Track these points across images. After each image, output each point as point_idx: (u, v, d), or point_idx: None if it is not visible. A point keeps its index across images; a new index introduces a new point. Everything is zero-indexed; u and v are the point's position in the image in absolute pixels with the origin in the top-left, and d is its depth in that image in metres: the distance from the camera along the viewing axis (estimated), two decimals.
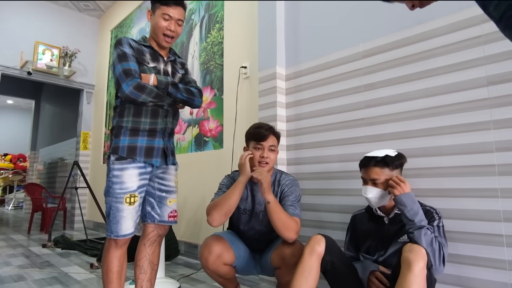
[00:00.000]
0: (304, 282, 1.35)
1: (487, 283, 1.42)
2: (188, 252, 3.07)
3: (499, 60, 1.46)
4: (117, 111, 1.50)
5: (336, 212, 1.95)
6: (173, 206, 1.59)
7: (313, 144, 2.12)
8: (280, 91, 2.29)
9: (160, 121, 1.51)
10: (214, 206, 1.59)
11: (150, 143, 1.48)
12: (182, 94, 1.52)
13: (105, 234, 1.42)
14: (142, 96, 1.39)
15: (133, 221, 1.42)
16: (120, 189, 1.39)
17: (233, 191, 1.59)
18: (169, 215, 1.56)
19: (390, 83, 1.80)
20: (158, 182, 1.55)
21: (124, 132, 1.45)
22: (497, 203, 1.43)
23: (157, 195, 1.54)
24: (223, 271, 1.65)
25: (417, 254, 1.19)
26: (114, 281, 1.40)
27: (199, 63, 3.25)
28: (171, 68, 1.59)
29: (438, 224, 1.41)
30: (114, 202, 1.39)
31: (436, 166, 1.60)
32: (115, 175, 1.40)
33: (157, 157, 1.49)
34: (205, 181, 2.95)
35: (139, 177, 1.44)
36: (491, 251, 1.42)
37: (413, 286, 1.15)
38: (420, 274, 1.17)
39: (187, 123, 3.30)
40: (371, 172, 1.48)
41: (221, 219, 1.58)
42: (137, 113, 1.46)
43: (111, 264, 1.40)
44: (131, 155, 1.42)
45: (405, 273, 1.18)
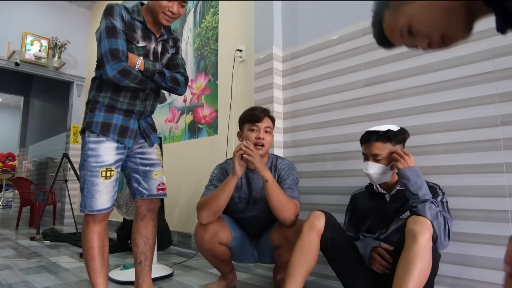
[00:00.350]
0: (304, 259, 1.29)
1: (491, 260, 1.38)
2: (181, 242, 2.99)
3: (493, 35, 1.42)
4: (95, 83, 1.42)
5: (335, 194, 1.90)
6: (160, 179, 1.53)
7: (311, 125, 2.07)
8: (277, 73, 2.23)
9: (138, 103, 1.44)
10: (203, 206, 1.53)
11: (125, 123, 1.41)
12: (167, 83, 1.46)
13: (79, 210, 1.34)
14: (125, 81, 1.32)
15: (110, 196, 1.35)
16: (96, 162, 1.33)
17: (222, 192, 1.51)
18: (157, 188, 1.50)
19: (391, 60, 1.75)
20: (140, 157, 1.49)
21: (99, 107, 1.38)
22: (502, 178, 1.39)
23: (141, 170, 1.48)
24: (218, 250, 1.59)
25: (422, 225, 1.14)
26: (96, 257, 1.32)
27: (193, 49, 3.18)
28: (162, 48, 1.51)
29: (442, 199, 1.37)
30: (89, 176, 1.32)
31: (439, 143, 1.56)
32: (90, 148, 1.34)
33: (130, 137, 1.42)
34: (199, 169, 2.87)
35: (116, 151, 1.38)
36: (496, 227, 1.39)
37: (419, 258, 1.10)
38: (426, 246, 1.12)
39: (181, 111, 3.23)
40: (373, 147, 1.42)
41: (210, 219, 1.54)
42: (116, 91, 1.39)
43: (91, 240, 1.33)
44: (104, 132, 1.35)
45: (410, 245, 1.12)
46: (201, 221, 1.54)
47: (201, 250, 1.61)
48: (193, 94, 3.11)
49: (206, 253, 1.61)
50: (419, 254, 1.10)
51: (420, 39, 0.66)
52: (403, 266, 1.12)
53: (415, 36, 0.66)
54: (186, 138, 3.13)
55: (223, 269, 1.72)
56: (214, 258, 1.64)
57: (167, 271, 1.98)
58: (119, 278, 1.84)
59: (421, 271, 1.10)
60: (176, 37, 1.59)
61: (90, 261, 1.33)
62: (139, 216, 1.50)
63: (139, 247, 1.49)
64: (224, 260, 1.66)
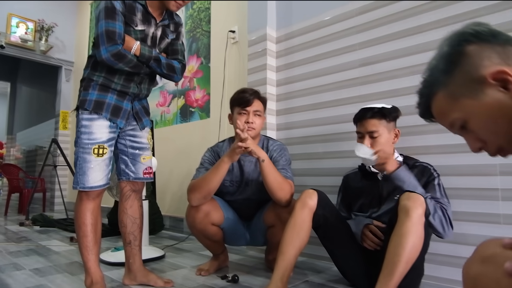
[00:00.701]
0: (296, 236, 1.28)
1: (481, 238, 1.38)
2: (173, 226, 2.98)
3: (497, 11, 1.41)
4: (91, 62, 1.39)
5: (328, 176, 1.90)
6: (148, 163, 1.51)
7: (304, 107, 2.05)
8: (271, 54, 2.20)
9: (133, 86, 1.42)
10: (194, 188, 1.51)
11: (119, 103, 1.39)
12: (163, 70, 1.42)
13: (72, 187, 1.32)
14: (119, 64, 1.30)
15: (103, 173, 1.34)
16: (88, 139, 1.31)
17: (215, 175, 1.46)
18: (144, 171, 1.50)
19: (385, 40, 1.74)
20: (130, 140, 1.47)
21: (93, 86, 1.36)
22: (494, 157, 1.39)
23: (130, 153, 1.47)
24: (210, 231, 1.58)
25: (415, 201, 1.14)
26: (89, 234, 1.31)
27: (184, 31, 3.11)
28: (161, 33, 1.46)
29: (438, 182, 1.37)
30: (82, 153, 1.31)
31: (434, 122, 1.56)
32: (83, 125, 1.32)
33: (122, 118, 1.41)
34: (191, 153, 2.84)
35: (109, 129, 1.36)
36: (486, 205, 1.40)
37: (411, 233, 1.11)
38: (418, 221, 1.12)
39: (172, 95, 3.18)
40: (368, 124, 1.40)
41: (201, 201, 1.52)
42: (111, 71, 1.36)
43: (84, 217, 1.31)
44: (97, 110, 1.33)
45: (403, 220, 1.13)
46: (191, 203, 1.52)
47: (193, 231, 1.60)
48: (185, 77, 3.06)
49: (198, 234, 1.60)
50: (411, 229, 1.11)
51: (472, 140, 0.58)
52: (395, 240, 1.12)
53: (468, 133, 0.58)
54: (178, 122, 3.09)
55: (215, 250, 1.71)
56: (206, 239, 1.63)
57: (158, 252, 1.97)
58: (110, 259, 1.82)
59: (413, 246, 1.11)
60: (179, 22, 1.54)
61: (83, 238, 1.31)
62: (123, 197, 1.49)
63: (127, 227, 1.47)
64: (216, 241, 1.66)
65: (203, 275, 1.61)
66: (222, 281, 1.52)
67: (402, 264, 1.08)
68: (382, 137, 1.39)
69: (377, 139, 1.39)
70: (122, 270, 1.55)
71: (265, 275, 1.61)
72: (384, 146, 1.38)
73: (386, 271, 1.10)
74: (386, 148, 1.38)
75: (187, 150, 2.91)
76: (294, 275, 1.62)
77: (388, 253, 1.12)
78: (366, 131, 1.41)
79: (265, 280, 1.52)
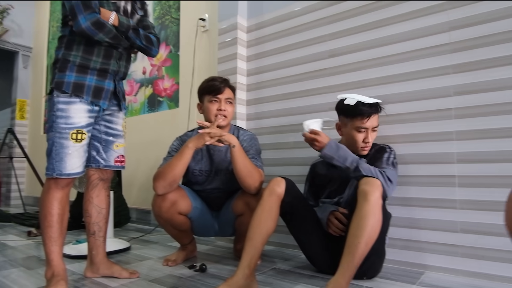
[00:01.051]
0: (263, 223, 1.28)
1: (439, 222, 1.47)
2: (140, 219, 2.90)
3: (462, 5, 1.48)
4: (63, 41, 1.31)
5: (297, 165, 1.92)
6: (120, 150, 1.45)
7: (274, 97, 2.05)
8: (241, 43, 2.18)
9: (113, 62, 1.35)
10: (159, 176, 1.48)
11: (100, 83, 1.32)
12: (142, 41, 1.38)
13: (45, 174, 1.24)
14: (99, 35, 1.23)
15: (81, 160, 1.27)
16: (66, 124, 1.23)
17: (179, 160, 1.44)
18: (115, 159, 1.44)
19: (354, 32, 1.77)
20: (105, 125, 1.41)
21: (70, 67, 1.27)
22: (452, 146, 1.47)
23: (103, 139, 1.41)
24: (177, 220, 1.55)
25: (372, 185, 1.19)
26: (55, 225, 1.23)
27: (153, 18, 3.01)
28: (131, 8, 1.41)
29: (388, 156, 1.43)
30: (58, 138, 1.23)
31: (397, 112, 1.61)
32: (60, 108, 1.24)
33: (105, 99, 1.34)
34: (160, 143, 2.77)
35: (88, 114, 1.29)
36: (444, 192, 1.47)
37: (369, 215, 1.14)
38: (376, 204, 1.16)
39: (140, 84, 3.07)
40: (374, 119, 1.45)
41: (166, 189, 1.48)
42: (89, 50, 1.29)
43: (51, 206, 1.23)
44: (77, 93, 1.26)
45: (362, 204, 1.17)
46: (156, 191, 1.49)
47: (159, 221, 1.56)
48: (153, 65, 2.97)
49: (164, 223, 1.57)
50: (370, 211, 1.15)
51: None
52: (355, 223, 1.16)
53: None
54: (145, 111, 3.00)
55: (183, 240, 1.69)
56: (173, 228, 1.60)
57: (123, 244, 1.91)
58: (71, 252, 1.74)
59: (372, 227, 1.15)
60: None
61: (47, 228, 1.23)
62: (90, 185, 1.43)
63: (91, 217, 1.41)
64: (184, 230, 1.63)
65: (170, 265, 1.58)
66: (190, 270, 1.50)
67: (362, 246, 1.12)
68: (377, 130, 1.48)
69: (375, 132, 1.48)
70: (84, 263, 1.49)
71: (233, 264, 1.61)
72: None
73: (347, 253, 1.13)
74: None
75: (155, 140, 2.84)
76: (262, 263, 1.63)
77: (348, 236, 1.16)
78: (372, 126, 1.45)
79: (233, 269, 1.51)
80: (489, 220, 1.36)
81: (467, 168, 1.42)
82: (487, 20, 1.41)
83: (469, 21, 1.45)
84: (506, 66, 1.36)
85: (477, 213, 1.39)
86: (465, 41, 1.46)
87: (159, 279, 1.38)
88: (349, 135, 1.47)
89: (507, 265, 1.32)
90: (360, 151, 1.46)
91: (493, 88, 1.39)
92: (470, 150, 1.42)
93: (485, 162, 1.39)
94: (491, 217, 1.36)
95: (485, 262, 1.36)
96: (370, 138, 1.44)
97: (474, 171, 1.41)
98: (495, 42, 1.39)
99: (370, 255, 1.16)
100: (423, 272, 1.47)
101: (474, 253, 1.39)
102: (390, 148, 1.47)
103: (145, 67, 3.02)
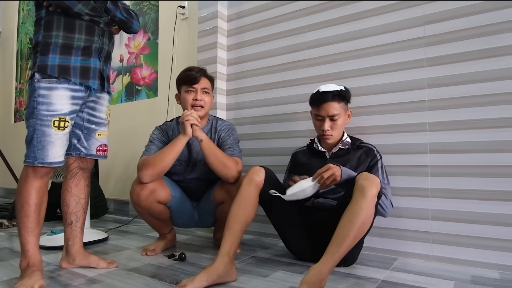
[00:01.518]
0: (242, 211, 1.29)
1: (412, 210, 1.53)
2: (118, 210, 2.86)
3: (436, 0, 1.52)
4: (41, 23, 1.24)
5: (276, 155, 1.94)
6: (103, 139, 1.42)
7: (254, 87, 2.06)
8: (221, 32, 2.15)
9: (96, 39, 1.30)
10: (148, 164, 1.46)
11: (85, 62, 1.27)
12: (122, 13, 1.34)
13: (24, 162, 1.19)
14: (78, 6, 1.19)
15: (63, 149, 1.23)
16: (48, 110, 1.18)
17: (171, 151, 1.46)
18: (97, 148, 1.40)
19: (332, 23, 1.79)
20: (88, 113, 1.36)
21: (53, 48, 1.22)
22: (425, 136, 1.52)
23: (85, 127, 1.36)
24: (156, 209, 1.54)
25: (371, 181, 1.19)
26: (32, 215, 1.19)
27: (130, 3, 2.92)
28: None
29: (381, 165, 1.46)
30: (40, 125, 1.18)
31: (374, 104, 1.65)
32: (41, 94, 1.19)
33: (94, 78, 1.30)
34: (138, 133, 2.72)
35: (71, 100, 1.24)
36: (417, 181, 1.53)
37: (363, 211, 1.15)
38: (372, 201, 1.17)
39: (117, 72, 2.99)
40: (330, 107, 1.44)
41: (153, 178, 1.48)
42: (70, 27, 1.24)
43: (28, 196, 1.19)
44: (64, 75, 1.21)
45: (358, 198, 1.17)
46: (142, 179, 1.47)
47: (137, 209, 1.55)
48: (130, 53, 2.89)
49: (143, 212, 1.55)
50: (364, 207, 1.16)
51: None
52: (348, 216, 1.16)
53: None
54: (123, 100, 2.93)
55: (162, 230, 1.68)
56: (152, 217, 1.59)
57: (101, 235, 1.88)
58: (47, 243, 1.70)
59: (363, 223, 1.16)
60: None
61: (24, 218, 1.19)
62: (69, 174, 1.39)
63: (69, 207, 1.38)
64: (163, 220, 1.62)
65: (149, 255, 1.57)
66: (169, 259, 1.50)
67: (350, 238, 1.13)
68: (341, 119, 1.46)
69: (336, 121, 1.45)
70: (60, 253, 1.46)
71: (213, 253, 1.62)
72: (341, 128, 1.48)
73: (335, 243, 1.13)
74: (341, 129, 1.49)
75: (133, 130, 2.78)
76: (242, 251, 1.65)
77: (339, 227, 1.16)
78: (327, 114, 1.45)
79: (213, 258, 1.51)
80: (459, 208, 1.43)
81: (439, 158, 1.48)
82: (460, 15, 1.46)
83: (443, 16, 1.50)
84: (478, 60, 1.42)
85: (448, 201, 1.45)
86: (439, 35, 1.50)
87: (137, 269, 1.38)
88: (313, 124, 1.53)
89: (475, 250, 1.39)
90: (323, 139, 1.50)
91: (465, 81, 1.44)
92: (442, 141, 1.48)
93: (456, 152, 1.45)
94: (461, 205, 1.43)
95: (454, 247, 1.43)
96: (327, 126, 1.45)
97: (446, 161, 1.47)
98: (467, 36, 1.44)
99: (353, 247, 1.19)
100: (396, 258, 1.53)
101: (444, 239, 1.45)
102: (377, 151, 1.48)
103: (122, 55, 2.94)
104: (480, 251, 1.38)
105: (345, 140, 1.51)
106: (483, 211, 1.38)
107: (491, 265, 1.36)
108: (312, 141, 1.61)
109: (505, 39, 1.37)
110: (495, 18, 1.39)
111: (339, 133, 1.49)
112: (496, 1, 1.39)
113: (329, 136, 1.48)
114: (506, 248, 1.33)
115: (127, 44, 2.90)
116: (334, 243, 1.14)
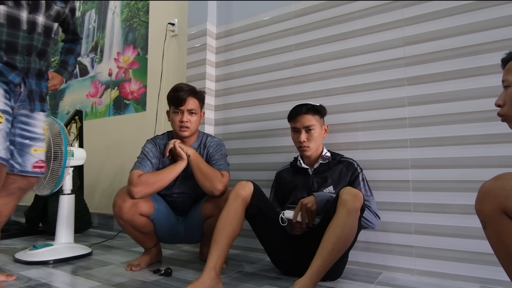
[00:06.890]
0: (229, 225, 1.31)
1: (395, 224, 1.57)
2: (103, 224, 2.81)
3: (416, 22, 1.60)
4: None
5: (263, 170, 1.96)
6: (40, 155, 1.38)
7: (242, 103, 2.09)
8: (210, 49, 2.20)
9: (19, 58, 1.29)
10: (144, 183, 1.47)
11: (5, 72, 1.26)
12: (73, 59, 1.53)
13: None
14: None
15: (1, 145, 1.19)
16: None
17: (169, 174, 1.53)
18: (34, 165, 1.36)
19: (318, 43, 1.86)
20: (20, 128, 1.33)
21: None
22: (406, 152, 1.57)
23: (18, 142, 1.32)
24: (139, 222, 1.53)
25: (354, 196, 1.22)
26: None
27: (120, 20, 2.96)
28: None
29: (362, 177, 1.51)
30: None
31: (358, 121, 1.71)
32: None
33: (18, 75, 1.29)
34: (125, 147, 2.72)
35: (4, 99, 1.23)
36: (399, 195, 1.57)
37: (347, 225, 1.19)
38: (355, 214, 1.21)
39: (105, 85, 3.00)
40: (304, 119, 1.51)
41: (145, 196, 1.51)
42: None
43: None
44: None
45: (341, 212, 1.20)
46: (134, 195, 1.46)
47: (119, 222, 1.54)
48: (119, 67, 2.91)
49: (126, 225, 1.54)
50: (348, 221, 1.19)
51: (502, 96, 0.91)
52: (331, 230, 1.19)
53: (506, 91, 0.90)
54: (110, 114, 2.93)
55: (146, 244, 1.66)
56: (135, 230, 1.58)
57: (84, 250, 1.85)
58: (29, 258, 1.66)
59: (347, 237, 1.19)
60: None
61: None
62: (5, 191, 1.32)
63: None
64: (147, 233, 1.61)
65: (134, 270, 1.55)
66: (155, 275, 1.48)
67: (334, 252, 1.16)
68: (316, 131, 1.51)
69: (312, 132, 1.51)
70: (42, 269, 1.43)
71: (199, 268, 1.60)
72: (317, 140, 1.53)
73: (319, 257, 1.16)
74: (318, 141, 1.54)
75: (120, 144, 2.77)
76: (228, 266, 1.65)
77: (323, 241, 1.19)
78: (302, 126, 1.51)
79: (199, 273, 1.51)
80: (440, 222, 1.47)
81: (420, 173, 1.53)
82: (438, 37, 1.54)
83: (422, 38, 1.58)
84: (456, 80, 1.49)
85: (430, 215, 1.49)
86: (418, 56, 1.58)
87: (122, 284, 1.36)
88: (292, 138, 1.59)
89: (457, 263, 1.42)
90: (301, 151, 1.55)
91: (444, 100, 1.51)
92: (423, 157, 1.53)
93: (437, 167, 1.50)
94: (442, 219, 1.47)
95: (437, 261, 1.46)
96: (304, 137, 1.51)
97: (427, 176, 1.52)
98: (445, 57, 1.52)
99: (338, 260, 1.21)
100: (381, 272, 1.55)
101: (427, 253, 1.49)
102: (358, 164, 1.53)
103: (111, 69, 2.96)
104: (462, 265, 1.41)
105: (324, 155, 1.56)
106: (465, 225, 1.42)
107: (473, 278, 1.39)
108: (295, 159, 1.65)
109: (482, 60, 1.45)
110: (473, 40, 1.47)
111: (315, 145, 1.53)
112: (472, 23, 1.48)
113: (306, 147, 1.52)
114: (487, 261, 1.37)
115: (116, 59, 2.92)
116: (319, 257, 1.16)
